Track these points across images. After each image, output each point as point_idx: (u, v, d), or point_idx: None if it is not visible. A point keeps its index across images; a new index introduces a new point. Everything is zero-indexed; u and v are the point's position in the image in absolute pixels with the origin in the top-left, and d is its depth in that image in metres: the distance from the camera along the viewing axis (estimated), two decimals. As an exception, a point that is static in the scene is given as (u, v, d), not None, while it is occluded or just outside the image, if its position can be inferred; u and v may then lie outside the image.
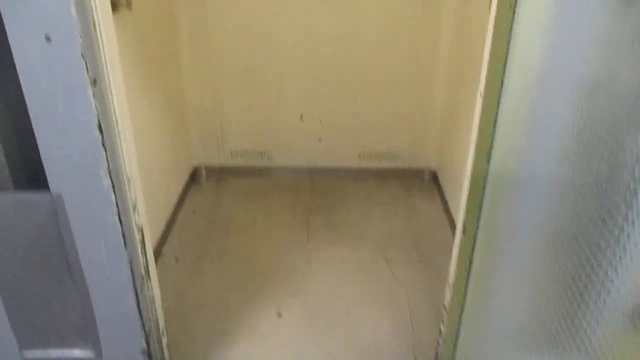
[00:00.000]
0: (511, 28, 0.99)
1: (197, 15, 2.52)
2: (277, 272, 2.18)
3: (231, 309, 1.98)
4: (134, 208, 1.30)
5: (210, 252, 2.31)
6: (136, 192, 1.31)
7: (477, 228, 1.23)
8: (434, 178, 2.84)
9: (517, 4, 0.97)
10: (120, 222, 1.26)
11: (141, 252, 1.36)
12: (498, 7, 1.02)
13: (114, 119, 1.18)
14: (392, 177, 2.87)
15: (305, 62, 2.61)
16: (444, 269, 2.19)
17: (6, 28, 1.02)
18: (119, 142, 1.21)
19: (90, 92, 1.08)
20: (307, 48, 2.58)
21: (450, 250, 1.41)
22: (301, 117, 2.74)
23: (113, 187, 1.22)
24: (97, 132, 1.13)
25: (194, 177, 2.88)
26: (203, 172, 2.90)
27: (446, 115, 2.63)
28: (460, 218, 1.30)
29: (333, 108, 2.72)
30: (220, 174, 2.91)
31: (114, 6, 1.82)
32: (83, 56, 1.05)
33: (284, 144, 2.83)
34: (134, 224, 1.31)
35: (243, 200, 2.71)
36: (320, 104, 2.71)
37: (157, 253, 2.27)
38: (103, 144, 1.15)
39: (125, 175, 1.24)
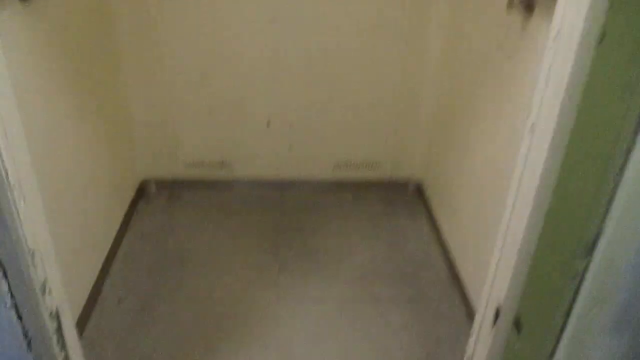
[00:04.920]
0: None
1: (140, 12, 2.07)
2: (243, 316, 1.81)
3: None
4: (44, 289, 0.91)
5: (161, 290, 1.91)
6: (46, 267, 0.91)
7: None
8: (419, 191, 2.52)
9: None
10: (20, 317, 0.86)
11: (58, 345, 0.97)
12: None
13: (3, 173, 0.78)
14: (372, 190, 2.53)
15: (274, 59, 2.21)
16: (439, 307, 1.90)
17: None
18: (14, 204, 0.81)
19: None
20: (276, 42, 2.18)
21: (444, 282, 1.07)
22: (268, 122, 2.35)
23: (4, 270, 0.82)
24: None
25: (141, 193, 2.45)
26: (152, 187, 2.47)
27: (436, 119, 2.30)
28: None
29: (305, 112, 2.34)
30: (173, 188, 2.49)
31: None
32: None
33: (247, 153, 2.44)
34: (45, 312, 0.92)
35: (200, 221, 2.31)
36: (291, 107, 2.33)
37: (96, 292, 1.86)
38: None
39: (26, 250, 0.84)
